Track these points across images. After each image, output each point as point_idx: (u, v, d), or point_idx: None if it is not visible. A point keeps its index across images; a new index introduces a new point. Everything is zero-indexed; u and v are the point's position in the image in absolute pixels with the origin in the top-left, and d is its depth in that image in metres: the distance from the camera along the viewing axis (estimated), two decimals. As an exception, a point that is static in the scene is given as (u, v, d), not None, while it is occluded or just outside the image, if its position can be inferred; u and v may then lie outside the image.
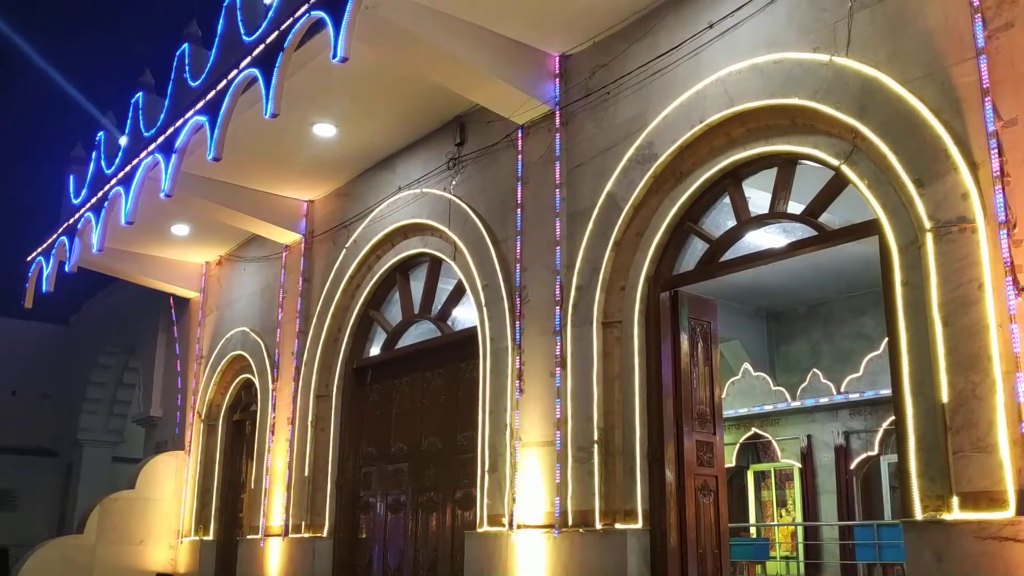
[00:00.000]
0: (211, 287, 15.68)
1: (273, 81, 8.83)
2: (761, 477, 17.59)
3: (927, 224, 6.03)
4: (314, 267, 12.76)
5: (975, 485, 5.53)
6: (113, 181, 12.70)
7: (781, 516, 17.21)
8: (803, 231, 7.61)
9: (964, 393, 5.66)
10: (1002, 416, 5.47)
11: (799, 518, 16.22)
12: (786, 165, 7.51)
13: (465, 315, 10.69)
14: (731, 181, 7.88)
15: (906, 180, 6.20)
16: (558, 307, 8.65)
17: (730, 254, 8.02)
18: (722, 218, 8.25)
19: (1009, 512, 5.35)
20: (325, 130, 10.92)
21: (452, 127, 10.54)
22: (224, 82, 9.97)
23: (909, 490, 5.92)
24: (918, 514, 5.82)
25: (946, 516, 5.64)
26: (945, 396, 5.75)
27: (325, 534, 11.46)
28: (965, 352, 5.70)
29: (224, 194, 12.45)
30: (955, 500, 5.61)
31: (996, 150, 5.76)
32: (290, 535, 11.87)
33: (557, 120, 9.12)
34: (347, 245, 11.94)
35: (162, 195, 11.08)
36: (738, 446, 16.97)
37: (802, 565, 15.22)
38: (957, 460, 5.63)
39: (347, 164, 11.86)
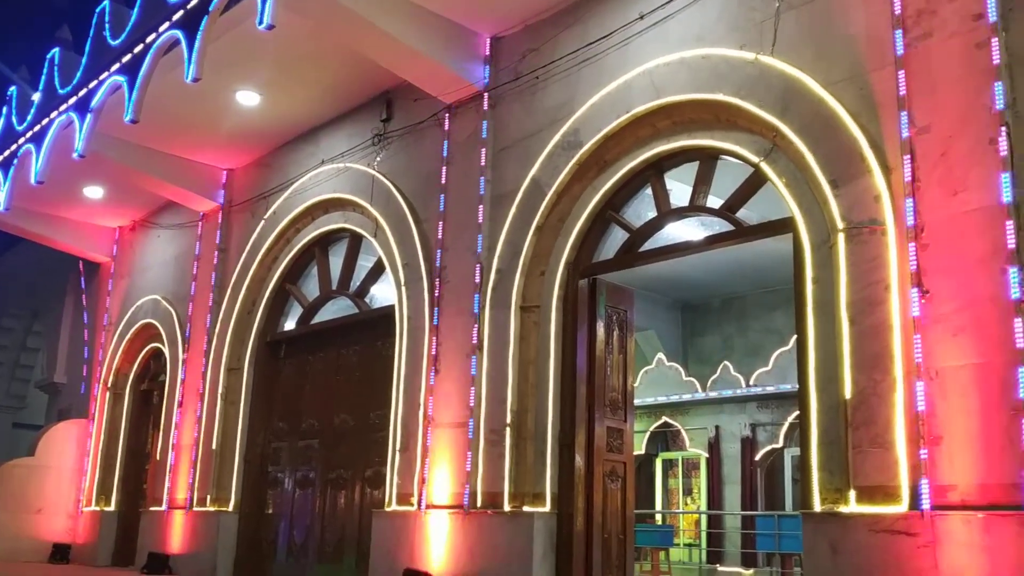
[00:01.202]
0: (123, 253, 15.27)
1: (196, 45, 8.63)
2: (669, 465, 17.91)
3: (840, 224, 6.18)
4: (231, 237, 12.52)
5: (872, 480, 5.71)
6: (24, 138, 12.26)
7: (687, 504, 17.56)
8: (721, 225, 7.74)
9: (866, 391, 5.84)
10: (900, 414, 5.65)
11: (704, 506, 16.57)
12: (708, 159, 7.62)
13: (383, 293, 10.62)
14: (654, 172, 7.96)
15: (822, 180, 6.34)
16: (477, 289, 8.65)
17: (649, 244, 8.12)
18: (643, 208, 8.34)
19: (902, 507, 5.54)
20: (248, 98, 10.71)
21: (379, 103, 10.43)
22: (145, 43, 9.70)
23: (809, 482, 6.08)
24: (817, 506, 5.98)
25: (843, 509, 5.82)
26: (848, 393, 5.92)
27: (231, 508, 11.31)
28: (869, 351, 5.87)
29: (140, 158, 12.13)
30: (852, 493, 5.79)
31: (909, 156, 5.92)
32: (195, 508, 11.67)
33: (485, 102, 9.10)
34: (266, 217, 11.75)
35: (75, 155, 10.77)
36: (648, 434, 17.26)
37: (704, 552, 15.56)
38: (856, 455, 5.80)
39: (269, 134, 11.65)
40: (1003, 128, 5.52)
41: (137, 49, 9.86)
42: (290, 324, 11.85)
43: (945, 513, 5.34)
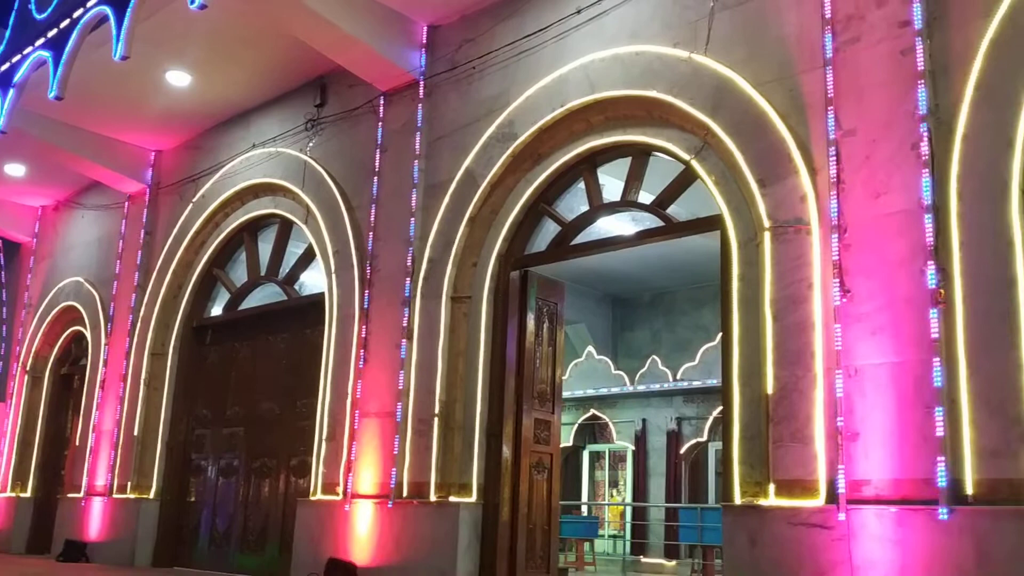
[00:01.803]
0: (45, 233, 14.86)
1: (125, 22, 8.43)
2: (596, 457, 18.09)
3: (766, 223, 6.30)
4: (157, 220, 12.27)
5: (791, 474, 5.84)
6: (-59, 112, 11.84)
7: (612, 496, 17.75)
8: (652, 221, 7.82)
9: (787, 386, 5.96)
10: (820, 410, 5.79)
11: (629, 498, 16.77)
12: (640, 155, 7.69)
13: (313, 280, 10.52)
14: (587, 167, 8.01)
15: (750, 179, 6.45)
16: (408, 279, 8.61)
17: (581, 238, 8.17)
18: (576, 202, 8.38)
19: (819, 500, 5.68)
20: (179, 78, 10.49)
21: (313, 87, 10.31)
22: (72, 18, 9.44)
23: (730, 476, 6.20)
24: (737, 499, 6.10)
25: (762, 502, 5.94)
26: (770, 388, 6.04)
27: (152, 495, 11.10)
28: (791, 347, 6.00)
29: (65, 136, 11.81)
30: (772, 487, 5.91)
31: (835, 157, 6.06)
32: (114, 495, 11.44)
33: (421, 91, 9.05)
34: (194, 200, 11.54)
35: (-4, 131, 10.44)
36: (576, 426, 17.40)
37: (628, 544, 15.74)
38: (776, 449, 5.93)
39: (200, 116, 11.44)
40: (925, 133, 5.67)
41: (64, 24, 9.60)
42: (217, 310, 11.67)
43: (860, 507, 5.48)
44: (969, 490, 5.16)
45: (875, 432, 5.55)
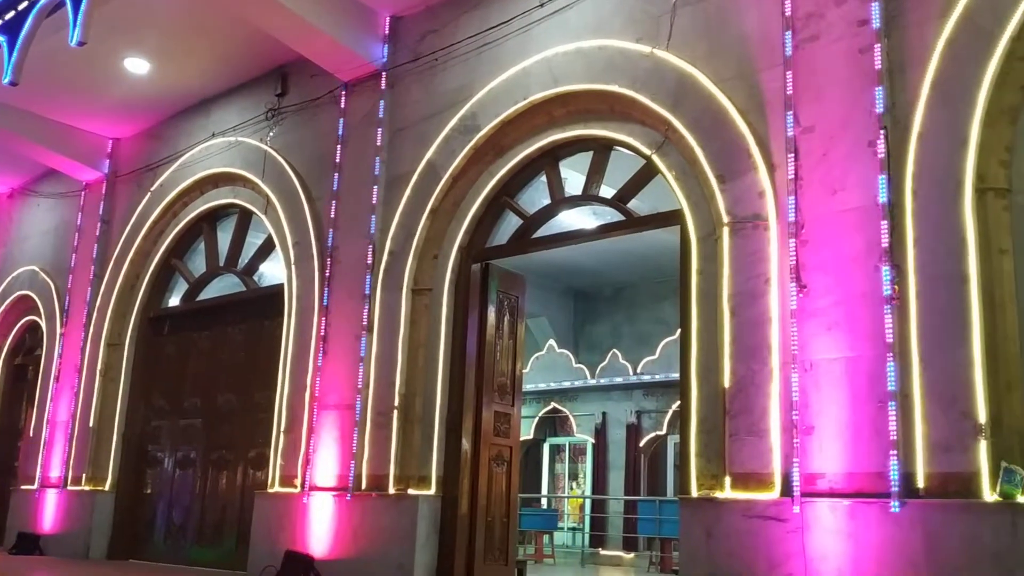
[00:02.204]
0: (0, 221, 14.62)
1: (82, 6, 8.28)
2: (556, 450, 18.15)
3: (725, 218, 6.35)
4: (115, 209, 12.10)
5: (746, 467, 5.90)
6: None
7: (572, 489, 17.83)
8: (613, 215, 7.85)
9: (744, 380, 6.02)
10: (776, 404, 5.86)
11: (588, 491, 16.85)
12: (602, 150, 7.71)
13: (273, 271, 10.44)
14: (549, 160, 8.02)
15: (710, 175, 6.50)
16: (369, 271, 8.58)
17: (543, 231, 8.18)
18: (538, 196, 8.40)
19: (774, 493, 5.75)
20: (137, 66, 10.35)
21: (274, 77, 10.21)
22: (28, 1, 9.26)
23: (688, 468, 6.25)
24: (694, 491, 6.15)
25: (718, 495, 5.99)
26: (727, 382, 6.09)
27: (107, 488, 10.97)
28: (748, 342, 6.05)
29: (20, 122, 11.59)
30: (728, 480, 5.97)
31: (793, 154, 6.12)
32: (69, 487, 11.28)
33: (383, 82, 9.00)
34: (152, 189, 11.40)
35: (-52, 117, 10.23)
36: (537, 419, 17.44)
37: (587, 536, 15.82)
38: (732, 442, 5.99)
39: (159, 104, 11.29)
40: (882, 131, 5.74)
41: (21, 6, 9.41)
42: (175, 300, 11.54)
43: (814, 500, 5.55)
44: (920, 484, 5.25)
45: (829, 426, 5.62)
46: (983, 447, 5.07)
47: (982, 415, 5.10)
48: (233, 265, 10.74)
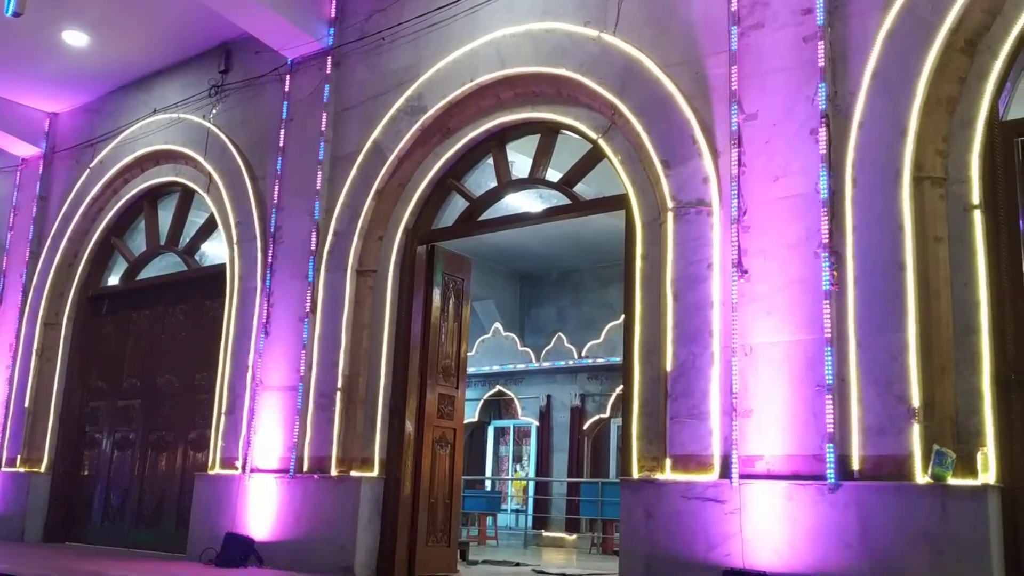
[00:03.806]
0: (-70, 195, 14.19)
1: (18, -24, 8.04)
2: (501, 433, 18.22)
3: (669, 203, 6.40)
4: (52, 185, 11.84)
5: (687, 449, 5.97)
6: None
7: (516, 471, 17.91)
8: (559, 199, 7.86)
9: (685, 364, 6.08)
10: (716, 387, 5.93)
11: (532, 473, 16.94)
12: (549, 133, 7.72)
13: (214, 251, 10.30)
14: (496, 143, 8.00)
15: (655, 160, 6.54)
16: (313, 251, 8.50)
17: (489, 214, 8.17)
18: (484, 178, 8.38)
19: (714, 475, 5.83)
20: (76, 38, 10.10)
21: (217, 53, 10.04)
22: (-40, -30, 8.99)
23: (629, 451, 6.31)
24: (635, 473, 6.21)
25: (659, 476, 6.06)
26: (669, 365, 6.15)
27: (43, 469, 10.77)
28: (690, 326, 6.12)
29: (-47, 94, 11.30)
30: (668, 462, 6.04)
31: (737, 141, 6.18)
32: (3, 468, 11.05)
33: (329, 60, 8.90)
34: (91, 165, 11.16)
35: None
36: (482, 402, 17.47)
37: (530, 518, 15.92)
38: (673, 425, 6.05)
39: (98, 78, 11.04)
40: (823, 120, 5.82)
41: (-49, -24, 9.13)
42: (114, 279, 11.34)
43: (752, 482, 5.64)
44: (856, 466, 5.35)
45: (768, 410, 5.71)
46: (916, 431, 5.19)
47: (916, 399, 5.22)
48: (174, 244, 10.58)
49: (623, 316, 6.74)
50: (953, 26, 5.51)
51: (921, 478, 5.12)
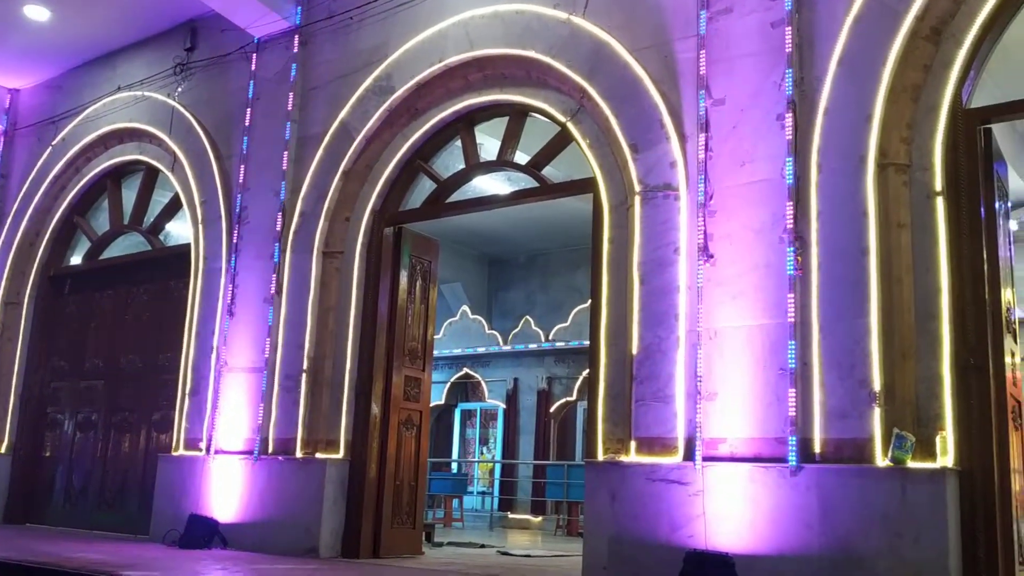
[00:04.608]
0: None
1: (-23, -52, 7.90)
2: (467, 415, 18.24)
3: (637, 187, 6.41)
4: (13, 163, 11.65)
5: (651, 432, 6.01)
6: None
7: (483, 454, 17.95)
8: (527, 182, 7.85)
9: (651, 347, 6.12)
10: (681, 371, 5.97)
11: (499, 456, 16.99)
12: (517, 115, 7.70)
13: (179, 231, 10.19)
14: (464, 124, 7.97)
15: (623, 143, 6.54)
16: (279, 232, 8.43)
17: (456, 196, 8.14)
18: (452, 160, 8.35)
19: (678, 458, 5.87)
20: (37, 12, 9.91)
21: (183, 30, 9.91)
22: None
23: (595, 433, 6.34)
24: (600, 455, 6.24)
25: (624, 459, 6.10)
26: (635, 349, 6.19)
27: (4, 450, 10.64)
28: (656, 310, 6.15)
29: (-90, 69, 11.06)
30: (633, 444, 6.08)
31: (704, 125, 6.19)
32: (-38, 450, 10.91)
33: (296, 39, 8.82)
34: (54, 143, 10.99)
35: None
36: (449, 384, 17.48)
37: (496, 500, 15.97)
38: (638, 408, 6.09)
39: (61, 54, 10.86)
40: (790, 105, 5.85)
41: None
42: (77, 259, 11.20)
43: (715, 464, 5.69)
44: (817, 449, 5.41)
45: (732, 393, 5.76)
46: (877, 414, 5.25)
47: (877, 384, 5.29)
48: (138, 223, 10.46)
49: (590, 299, 6.75)
50: (919, 13, 5.56)
51: (881, 461, 5.19)
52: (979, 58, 5.59)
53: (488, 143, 8.26)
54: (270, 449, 8.02)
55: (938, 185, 5.44)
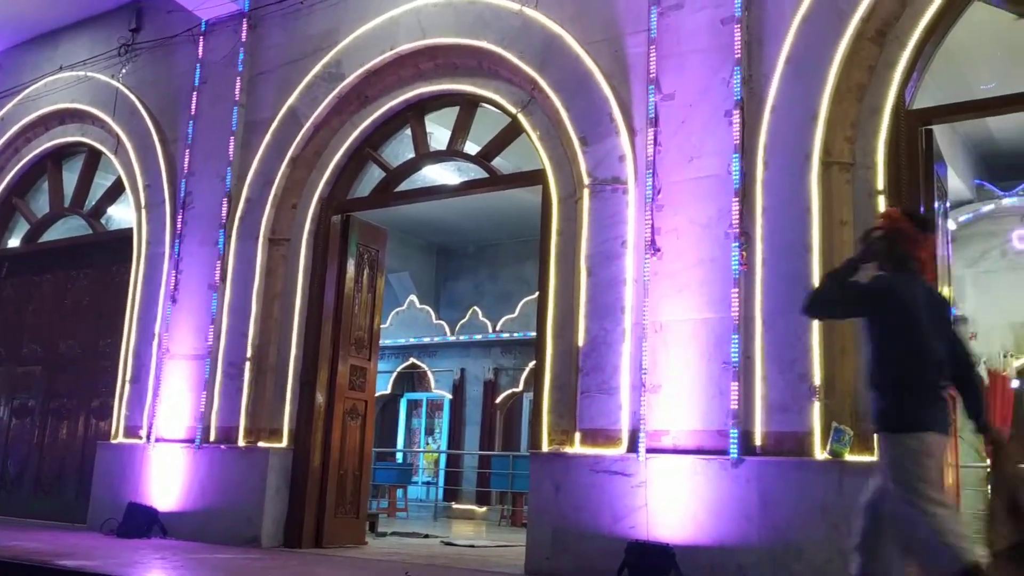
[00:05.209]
0: None
1: (-87, -80, 7.67)
2: (414, 405, 18.19)
3: (586, 180, 6.44)
4: (-51, 141, 11.33)
5: (596, 423, 6.05)
6: None
7: (428, 444, 17.92)
8: (477, 172, 7.84)
9: (597, 339, 6.15)
10: (626, 363, 6.02)
11: (444, 446, 16.97)
12: (468, 105, 7.68)
13: (122, 215, 10.01)
14: (414, 113, 7.93)
15: (573, 136, 6.56)
16: (224, 218, 8.32)
17: (406, 185, 8.10)
18: (402, 149, 8.31)
19: (621, 449, 5.92)
20: (-24, -11, 9.68)
21: (128, 11, 9.73)
22: None
23: (540, 424, 6.36)
24: (545, 446, 6.27)
25: (568, 450, 6.13)
26: (581, 340, 6.22)
27: (-65, 437, 10.39)
28: (602, 302, 6.18)
29: None
30: (578, 436, 6.11)
31: (654, 120, 6.23)
32: None
33: (244, 22, 8.70)
34: (-8, 122, 10.73)
35: None
36: (395, 374, 17.41)
37: (441, 490, 15.97)
38: (583, 399, 6.12)
39: (1, 32, 10.59)
40: (738, 103, 5.91)
41: None
42: (14, 241, 10.95)
43: (658, 456, 5.75)
44: (758, 442, 5.49)
45: (676, 385, 5.81)
46: (817, 408, 5.35)
47: (817, 378, 5.38)
48: (79, 207, 10.25)
49: (538, 291, 6.77)
50: (865, 15, 5.64)
51: (820, 454, 5.28)
52: (922, 60, 5.70)
53: (439, 132, 8.23)
54: (212, 437, 7.93)
55: (880, 184, 5.54)
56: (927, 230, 3.92)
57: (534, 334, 6.86)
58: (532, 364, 15.14)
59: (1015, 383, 11.35)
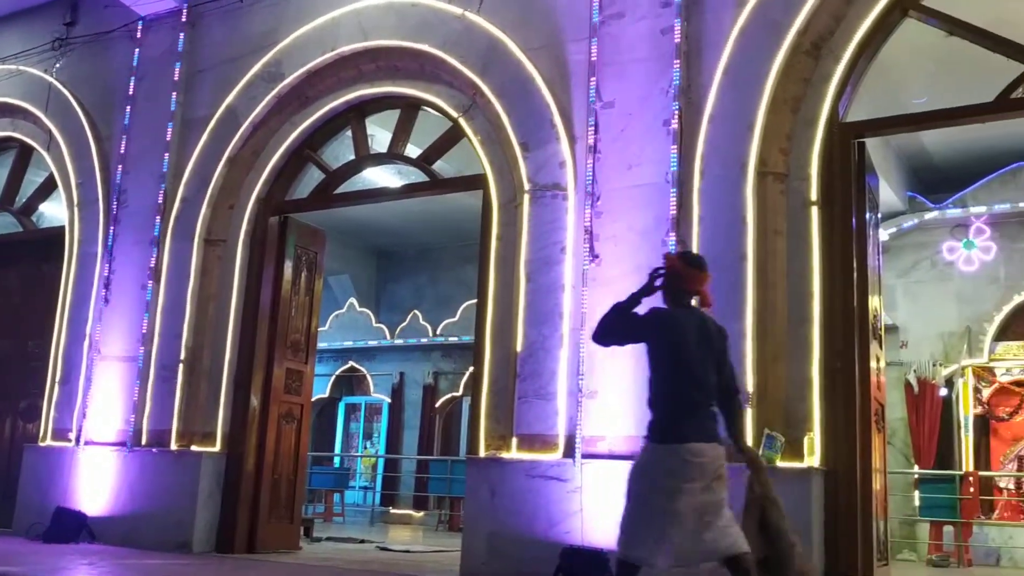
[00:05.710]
0: None
1: None
2: (352, 409, 18.04)
3: (526, 186, 6.46)
4: None
5: (532, 428, 6.06)
6: None
7: (366, 448, 17.80)
8: (417, 175, 7.82)
9: (535, 344, 6.17)
10: (564, 369, 6.04)
11: (382, 450, 16.88)
12: (410, 109, 7.65)
13: (53, 212, 9.79)
14: (355, 115, 7.89)
15: (514, 142, 6.58)
16: (159, 217, 8.19)
17: (345, 187, 8.06)
18: (342, 151, 8.25)
19: (558, 455, 5.94)
20: (-97, -23, 9.40)
21: (63, 4, 9.51)
22: None
23: (477, 429, 6.36)
24: (482, 451, 6.27)
25: (505, 455, 6.14)
26: (519, 346, 6.23)
27: None
28: (541, 308, 6.20)
29: None
30: (515, 441, 6.12)
31: (594, 127, 6.27)
32: None
33: (183, 18, 8.56)
34: (-82, 115, 10.41)
35: None
36: (334, 378, 17.26)
37: (379, 495, 15.87)
38: (520, 405, 6.13)
39: (-72, 21, 10.30)
40: (676, 112, 5.98)
41: None
42: (-59, 238, 10.63)
43: (594, 462, 5.78)
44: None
45: (612, 391, 5.85)
46: (749, 415, 5.40)
47: (750, 385, 5.44)
48: (9, 204, 10.00)
49: (477, 296, 6.77)
50: (801, 28, 5.75)
51: (752, 460, 5.33)
52: (856, 74, 5.83)
53: (379, 135, 8.19)
54: (144, 441, 7.79)
55: (814, 195, 5.64)
56: (702, 268, 4.34)
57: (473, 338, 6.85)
58: (472, 368, 15.18)
59: (943, 391, 11.61)
